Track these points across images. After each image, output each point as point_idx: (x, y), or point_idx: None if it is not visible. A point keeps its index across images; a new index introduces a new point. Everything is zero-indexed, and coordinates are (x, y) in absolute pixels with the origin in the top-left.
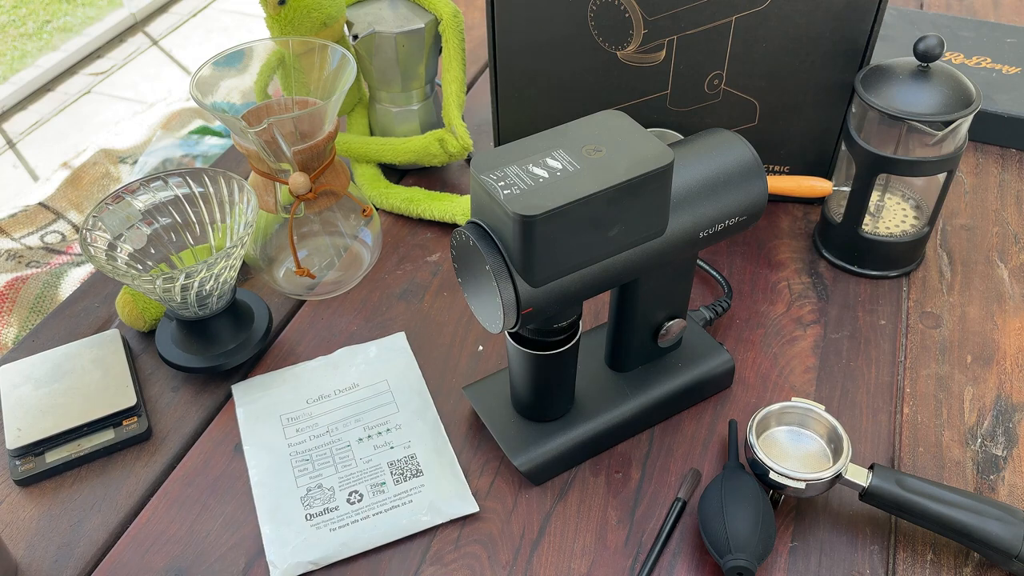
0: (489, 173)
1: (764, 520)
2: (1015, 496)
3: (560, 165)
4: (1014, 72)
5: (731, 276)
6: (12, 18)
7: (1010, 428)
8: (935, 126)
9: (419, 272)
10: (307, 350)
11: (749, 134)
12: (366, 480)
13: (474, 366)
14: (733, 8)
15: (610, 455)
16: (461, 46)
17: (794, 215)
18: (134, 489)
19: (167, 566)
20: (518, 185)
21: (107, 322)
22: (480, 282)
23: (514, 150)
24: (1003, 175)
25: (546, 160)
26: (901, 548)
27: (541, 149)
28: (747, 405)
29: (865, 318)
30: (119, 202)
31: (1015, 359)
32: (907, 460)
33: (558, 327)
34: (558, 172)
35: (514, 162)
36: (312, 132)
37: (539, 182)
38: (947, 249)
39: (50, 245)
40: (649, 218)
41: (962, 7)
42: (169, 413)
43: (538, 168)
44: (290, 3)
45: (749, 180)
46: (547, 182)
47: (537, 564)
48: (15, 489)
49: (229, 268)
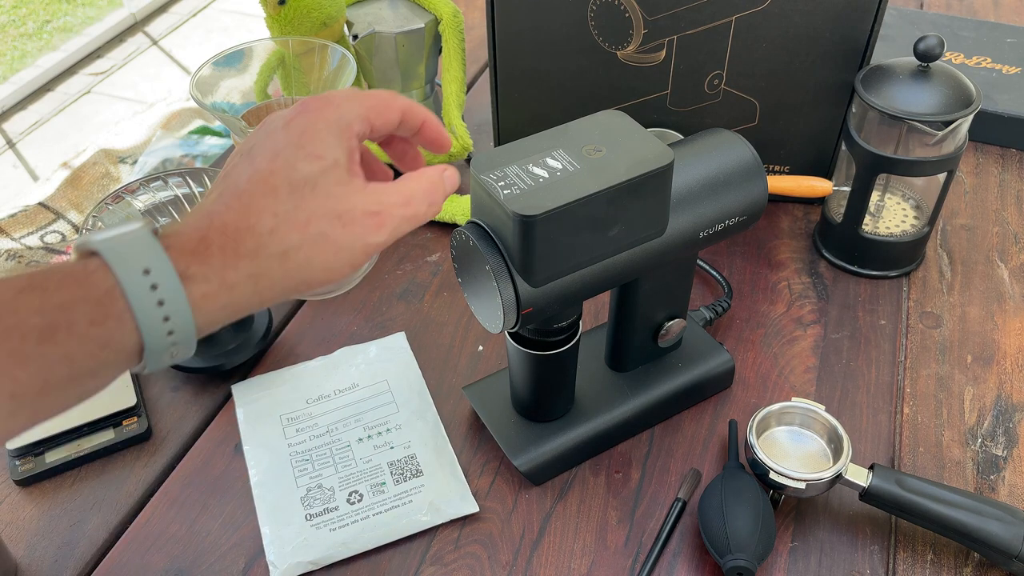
0: (489, 173)
1: (764, 520)
2: (1015, 496)
3: (560, 165)
4: (1014, 72)
5: (731, 276)
6: (12, 18)
7: (1010, 428)
8: (935, 126)
9: (419, 272)
10: (307, 350)
11: (749, 134)
12: (366, 480)
13: (474, 366)
14: (733, 8)
15: (610, 455)
16: (461, 46)
17: (794, 215)
18: (134, 489)
19: (167, 566)
20: (518, 185)
21: None
22: (480, 282)
23: (514, 150)
24: (1003, 175)
25: (546, 160)
26: (901, 548)
27: (541, 149)
28: (747, 405)
29: (865, 318)
30: (119, 202)
31: (1015, 359)
32: (907, 460)
33: (558, 327)
34: (558, 172)
35: (514, 162)
36: None
37: (539, 182)
38: (947, 249)
39: (50, 245)
40: (649, 218)
41: (962, 7)
42: (169, 413)
43: (538, 168)
44: (290, 3)
45: (749, 180)
46: (547, 182)
47: (537, 564)
48: (15, 489)
49: None
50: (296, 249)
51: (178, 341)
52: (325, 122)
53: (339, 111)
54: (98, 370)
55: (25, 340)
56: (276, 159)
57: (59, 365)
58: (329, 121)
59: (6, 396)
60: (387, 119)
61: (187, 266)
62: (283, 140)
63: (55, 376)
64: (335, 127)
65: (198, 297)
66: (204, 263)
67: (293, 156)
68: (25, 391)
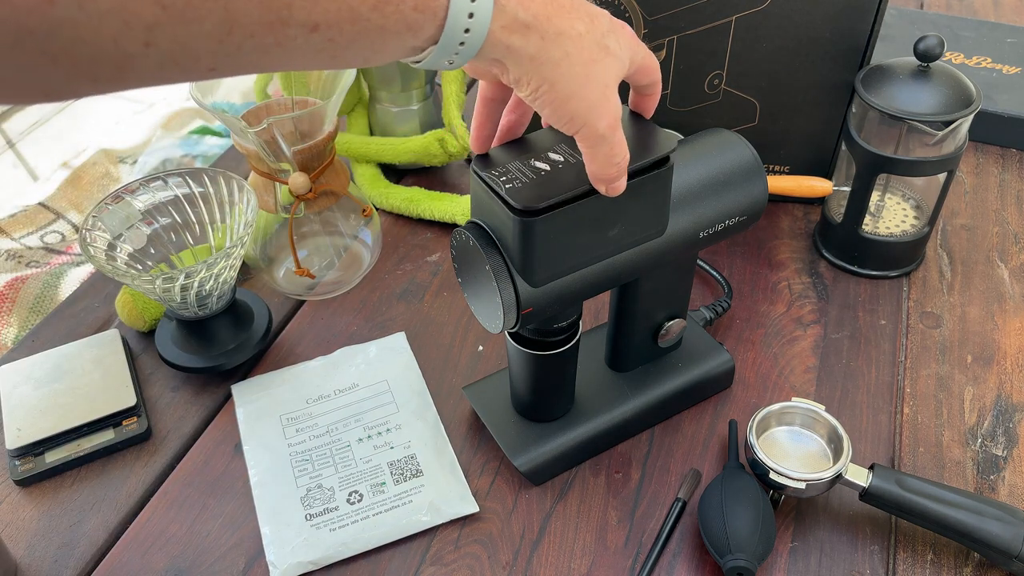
0: (490, 171)
1: (764, 520)
2: (1015, 496)
3: (561, 158)
4: (1014, 72)
5: (731, 276)
6: None
7: (1010, 428)
8: (935, 126)
9: (419, 272)
10: (307, 350)
11: (749, 134)
12: (366, 480)
13: (474, 366)
14: (733, 8)
15: (610, 455)
16: None
17: (794, 215)
18: (134, 489)
19: (167, 566)
20: (519, 183)
21: (107, 322)
22: (480, 282)
23: (515, 148)
24: (1003, 175)
25: (548, 155)
26: (901, 548)
27: (542, 148)
28: (747, 405)
29: (865, 318)
30: (119, 202)
31: (1015, 359)
32: (907, 460)
33: (558, 327)
34: (560, 165)
35: (516, 159)
36: (312, 132)
37: (540, 175)
38: (947, 249)
39: (50, 245)
40: (649, 218)
41: (962, 7)
42: (169, 413)
43: (539, 162)
44: None
45: (749, 180)
46: (548, 175)
47: (537, 564)
48: (15, 489)
49: (229, 268)
50: (569, 55)
51: (466, 42)
52: (629, 37)
53: (639, 43)
54: (391, 51)
55: (364, 1)
56: (595, 20)
57: (372, 34)
58: (631, 38)
59: (310, 29)
60: (642, 78)
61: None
62: (605, 18)
63: (360, 42)
64: (632, 44)
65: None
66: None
67: (605, 27)
68: (333, 47)
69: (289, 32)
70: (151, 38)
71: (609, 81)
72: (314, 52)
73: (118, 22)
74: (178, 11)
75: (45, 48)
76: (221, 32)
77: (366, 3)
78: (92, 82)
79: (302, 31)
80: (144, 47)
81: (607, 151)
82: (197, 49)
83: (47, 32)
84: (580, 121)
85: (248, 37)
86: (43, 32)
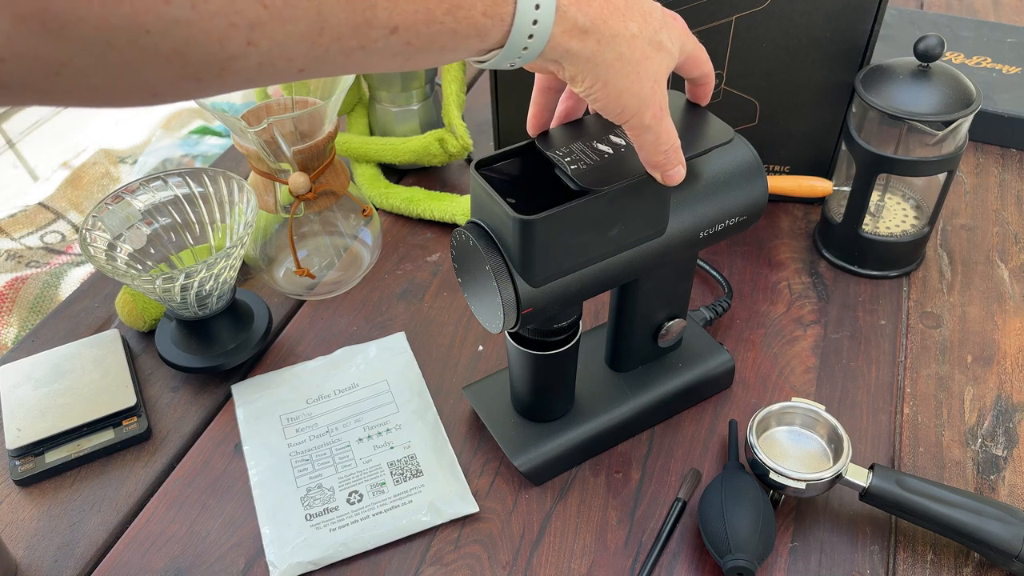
0: (555, 150)
1: (764, 520)
2: (1015, 496)
3: (624, 142)
4: (1014, 72)
5: (731, 276)
6: None
7: (1010, 428)
8: (935, 126)
9: (419, 272)
10: (307, 350)
11: (749, 134)
12: (366, 480)
13: (474, 366)
14: (733, 8)
15: (610, 455)
16: None
17: (794, 215)
18: (134, 489)
19: (167, 566)
20: (583, 164)
21: (107, 322)
22: (480, 282)
23: (573, 129)
24: (1003, 175)
25: (611, 139)
26: (901, 548)
27: (601, 132)
28: (747, 405)
29: (865, 318)
30: (119, 202)
31: (1015, 359)
32: (907, 460)
33: (558, 327)
34: (622, 151)
35: (578, 140)
36: (312, 132)
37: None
38: (947, 249)
39: (50, 245)
40: (649, 218)
41: (962, 7)
42: (169, 413)
43: (602, 145)
44: None
45: (749, 180)
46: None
47: (537, 564)
48: (15, 489)
49: (229, 268)
50: (622, 56)
51: (529, 47)
52: (681, 29)
53: (689, 34)
54: (459, 53)
55: (440, 4)
56: (647, 18)
57: (444, 37)
58: (683, 31)
59: (389, 30)
60: (692, 69)
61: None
62: (657, 12)
63: (433, 45)
64: (683, 36)
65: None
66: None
67: (658, 23)
68: (409, 50)
69: (372, 34)
70: (253, 37)
71: (659, 76)
72: (392, 54)
73: (225, 22)
74: (277, 10)
75: (159, 47)
76: (313, 32)
77: (440, 7)
78: (197, 82)
79: (383, 32)
80: (246, 46)
81: (653, 139)
82: (291, 50)
83: (162, 31)
84: (629, 113)
85: (336, 39)
86: (158, 31)
